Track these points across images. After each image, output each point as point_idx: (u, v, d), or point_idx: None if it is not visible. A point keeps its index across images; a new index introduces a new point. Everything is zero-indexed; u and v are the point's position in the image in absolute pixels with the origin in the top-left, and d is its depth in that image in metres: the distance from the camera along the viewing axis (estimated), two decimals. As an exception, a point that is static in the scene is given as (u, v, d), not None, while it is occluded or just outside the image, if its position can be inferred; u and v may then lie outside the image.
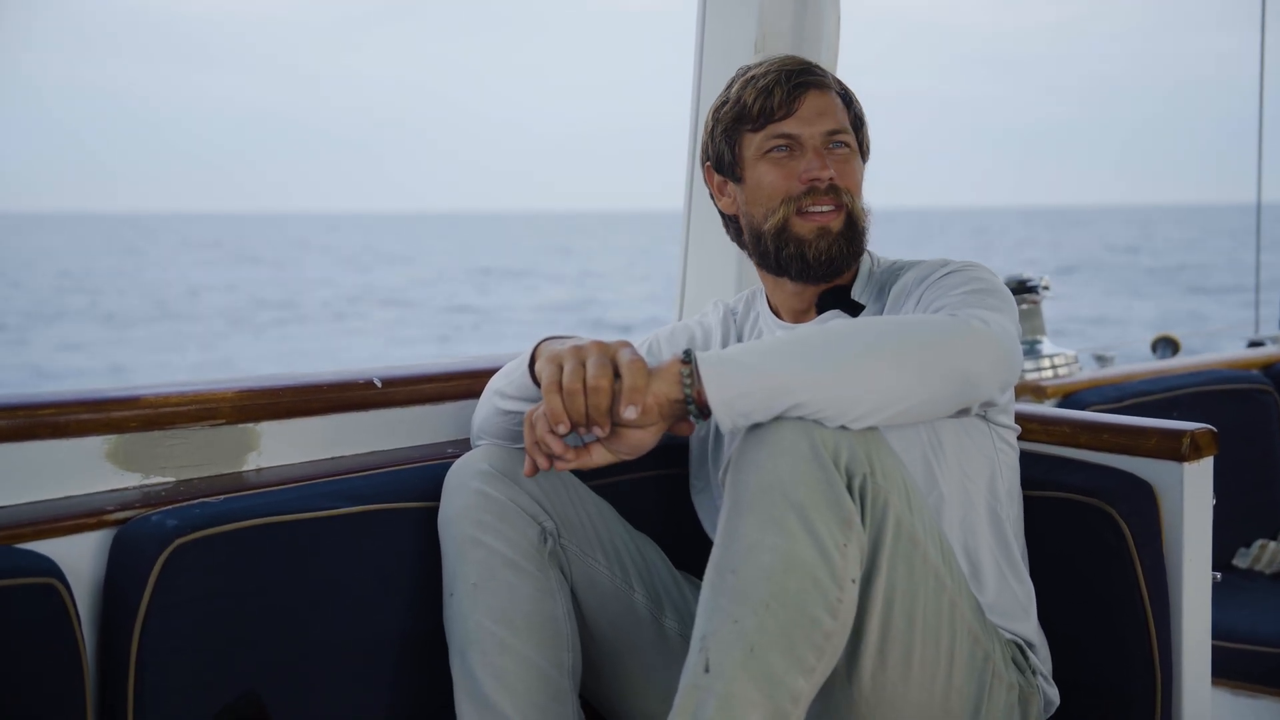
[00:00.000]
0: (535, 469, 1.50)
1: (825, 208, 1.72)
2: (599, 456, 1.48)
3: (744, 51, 2.25)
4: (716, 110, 1.78)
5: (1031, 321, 2.90)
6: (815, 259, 1.72)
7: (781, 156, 1.73)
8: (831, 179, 1.71)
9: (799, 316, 1.80)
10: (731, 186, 1.79)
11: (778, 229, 1.73)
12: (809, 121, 1.72)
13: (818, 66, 1.77)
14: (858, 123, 1.78)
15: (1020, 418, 1.84)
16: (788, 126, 1.72)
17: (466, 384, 1.93)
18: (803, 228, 1.72)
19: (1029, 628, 1.72)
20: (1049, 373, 2.84)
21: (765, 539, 1.36)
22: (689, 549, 1.85)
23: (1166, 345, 3.41)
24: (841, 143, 1.74)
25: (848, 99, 1.78)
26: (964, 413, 1.52)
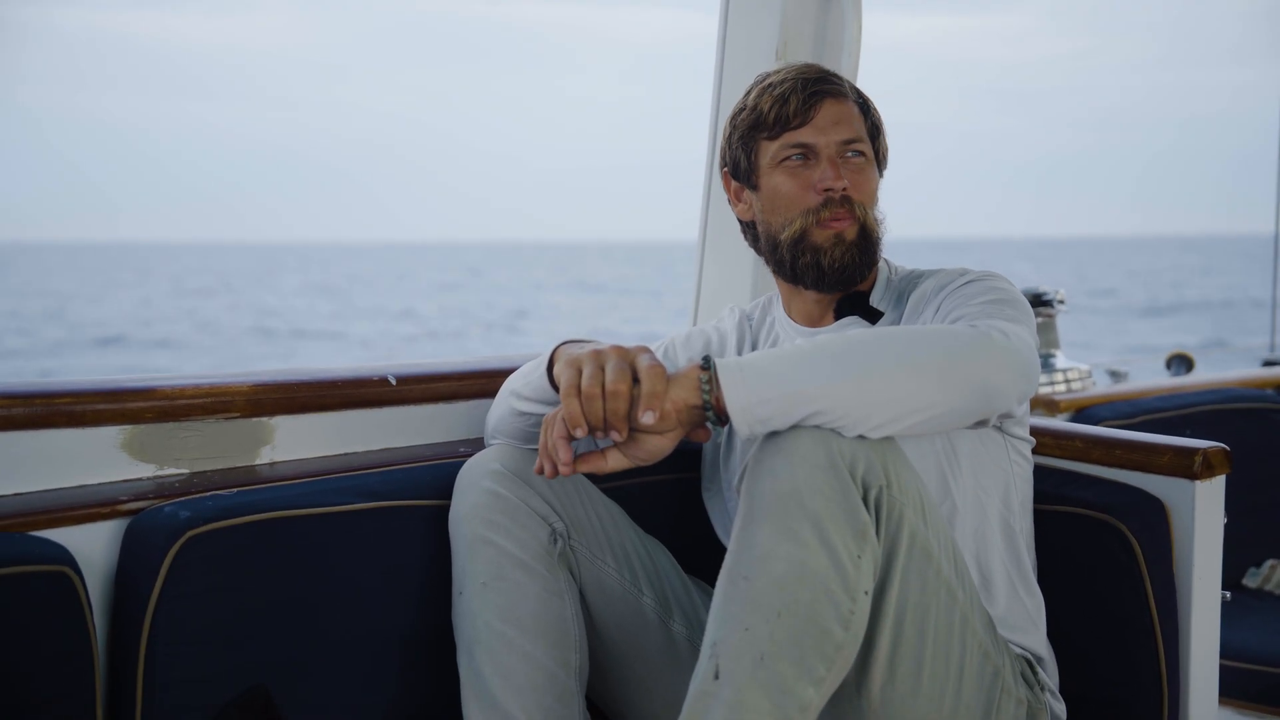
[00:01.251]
0: (571, 468, 1.49)
1: (841, 219, 1.72)
2: (615, 462, 1.48)
3: (765, 58, 2.24)
4: (734, 117, 1.79)
5: (1046, 335, 2.89)
6: (830, 267, 1.72)
7: (797, 165, 1.73)
8: (845, 190, 1.71)
9: (816, 323, 1.80)
10: (748, 193, 1.80)
11: (795, 239, 1.73)
12: (824, 130, 1.72)
13: (835, 75, 1.77)
14: (874, 131, 1.78)
15: (1034, 431, 1.84)
16: (803, 135, 1.72)
17: (481, 383, 1.93)
18: (821, 237, 1.72)
19: (1038, 641, 1.71)
20: (1062, 387, 2.83)
21: (779, 548, 1.36)
22: (699, 554, 1.85)
23: (1181, 362, 3.40)
24: (857, 151, 1.74)
25: (865, 107, 1.78)
26: (982, 424, 1.51)
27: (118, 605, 1.55)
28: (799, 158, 1.72)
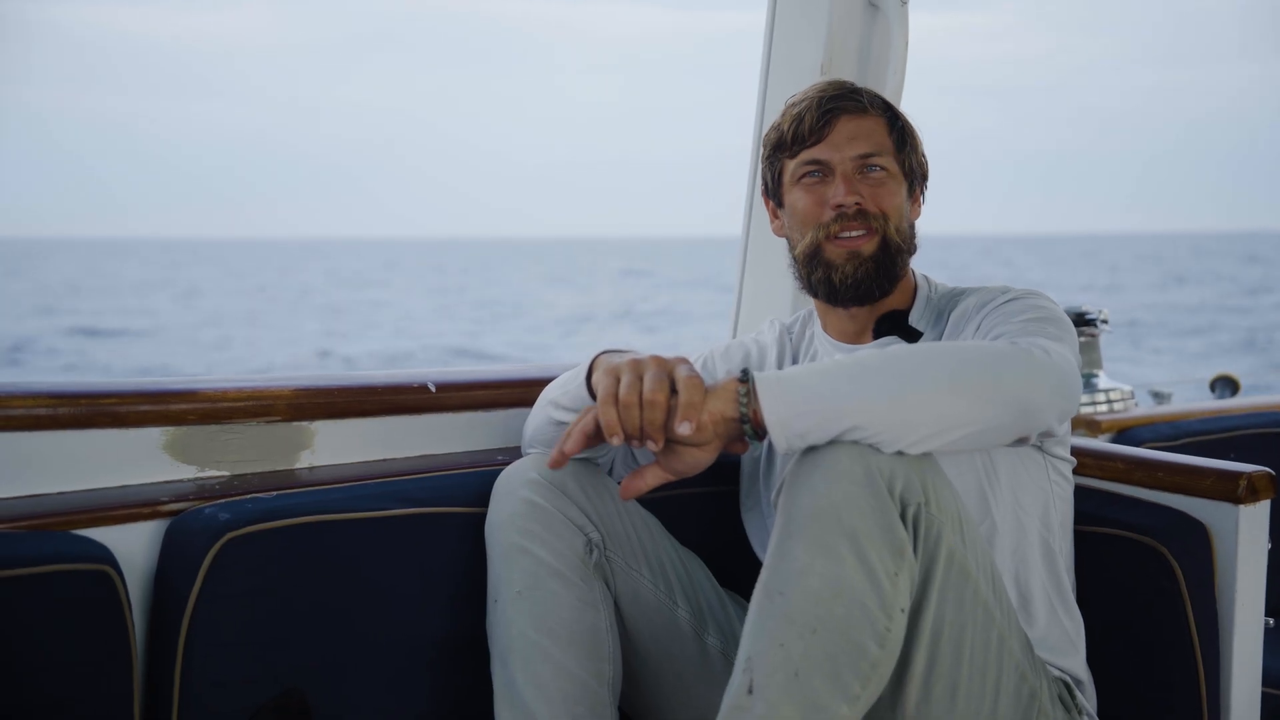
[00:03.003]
0: (566, 459, 1.49)
1: (856, 233, 1.72)
2: (653, 478, 1.48)
3: (810, 74, 2.24)
4: (765, 137, 1.82)
5: (1089, 355, 2.87)
6: (841, 283, 1.73)
7: (813, 182, 1.74)
8: (859, 204, 1.71)
9: (853, 340, 1.80)
10: (780, 211, 1.82)
11: (808, 254, 1.75)
12: (839, 147, 1.73)
13: (858, 91, 1.77)
14: (903, 144, 1.77)
15: (1075, 452, 1.82)
16: (817, 152, 1.74)
17: (519, 392, 1.94)
18: (833, 252, 1.73)
19: (1077, 663, 1.70)
20: (1104, 407, 2.80)
21: (815, 564, 1.35)
22: (735, 567, 1.84)
23: (1226, 385, 3.37)
24: (877, 166, 1.74)
25: (894, 121, 1.78)
26: (1021, 442, 1.50)
27: (157, 605, 1.57)
28: (815, 174, 1.75)
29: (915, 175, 1.79)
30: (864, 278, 1.73)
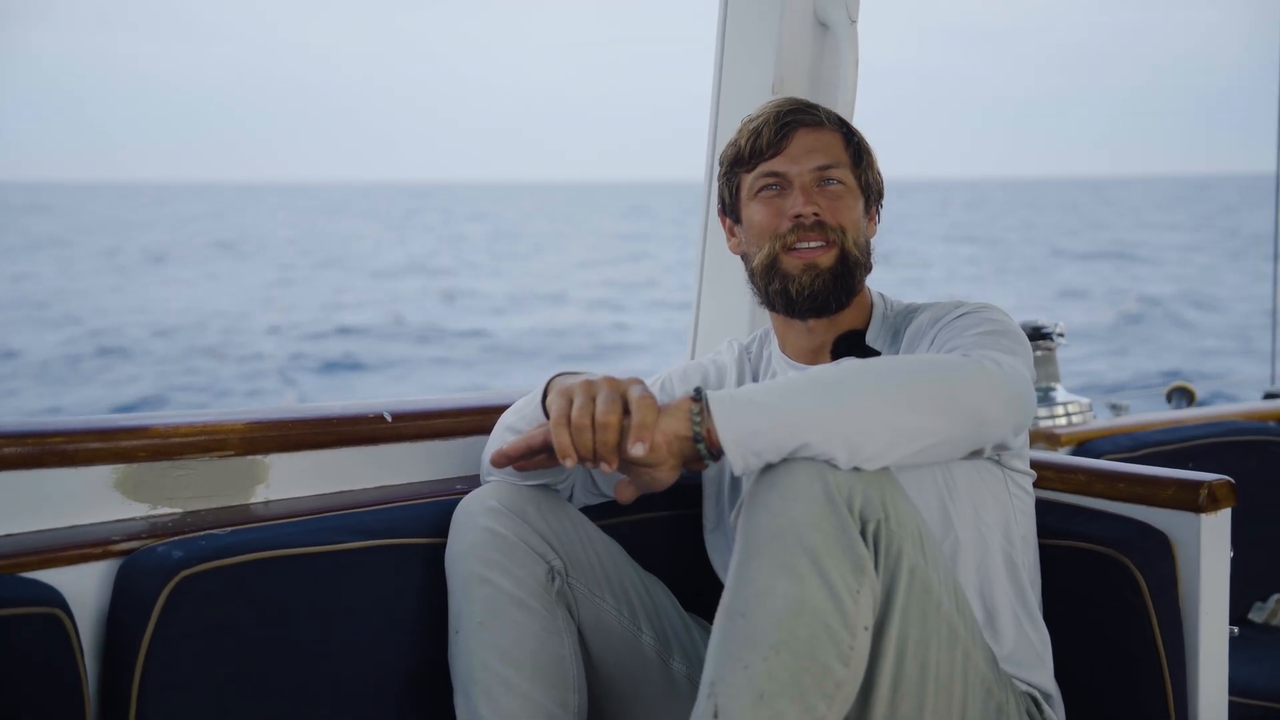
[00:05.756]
0: (507, 459, 1.53)
1: (814, 244, 1.72)
2: (629, 494, 1.47)
3: (762, 94, 2.24)
4: (722, 154, 1.82)
5: (1046, 368, 2.88)
6: (798, 294, 1.73)
7: (771, 195, 1.75)
8: (817, 215, 1.71)
9: (811, 358, 1.79)
10: (736, 228, 1.82)
11: (765, 265, 1.75)
12: (796, 159, 1.74)
13: (814, 106, 1.79)
14: (859, 159, 1.78)
15: (1035, 465, 1.82)
16: (775, 165, 1.74)
17: (477, 420, 1.92)
18: (789, 263, 1.73)
19: (1045, 677, 1.69)
20: (1063, 420, 2.81)
21: (777, 583, 1.34)
22: (699, 591, 1.83)
23: (1182, 395, 3.39)
24: (835, 179, 1.74)
25: (849, 136, 1.78)
26: (977, 454, 1.50)
27: (110, 647, 1.53)
28: (773, 188, 1.75)
29: (871, 191, 1.80)
30: (821, 289, 1.73)
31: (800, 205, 1.72)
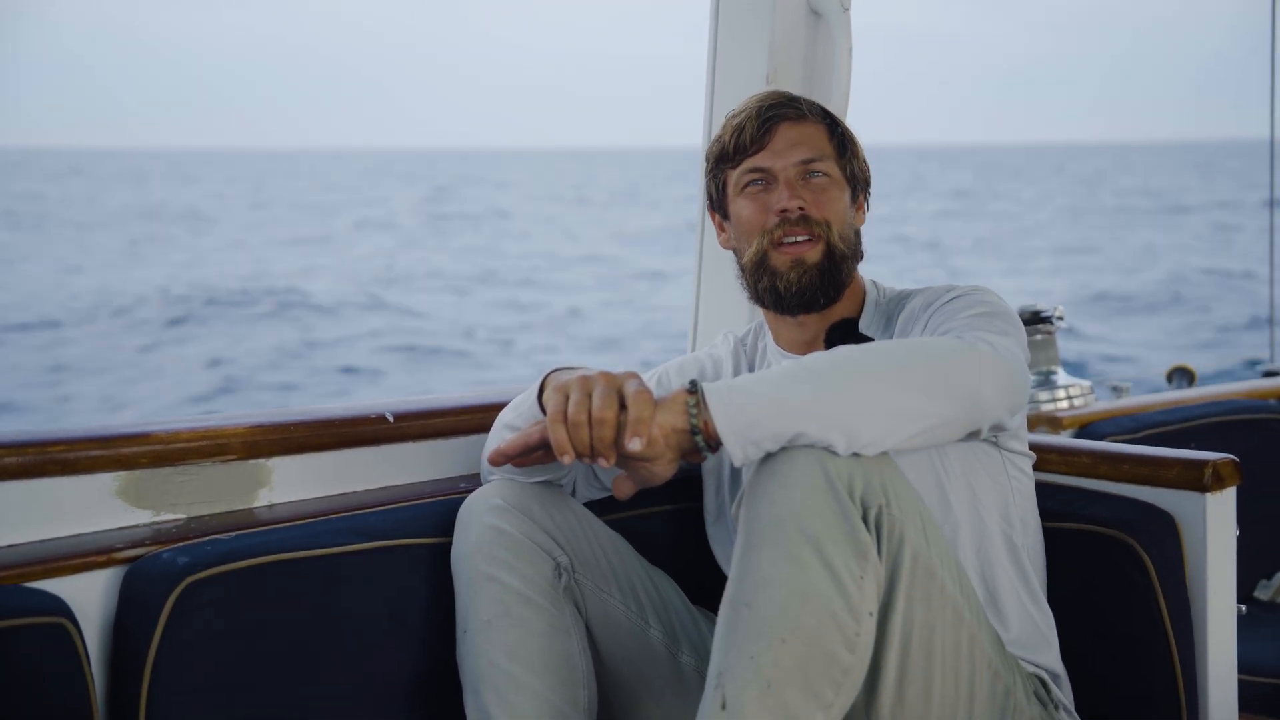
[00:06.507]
0: (504, 458, 1.52)
1: (800, 238, 1.72)
2: (627, 489, 1.47)
3: (756, 86, 2.24)
4: (708, 151, 1.82)
5: (1046, 352, 2.88)
6: (786, 291, 1.73)
7: (756, 190, 1.75)
8: (802, 209, 1.71)
9: (804, 349, 1.79)
10: (725, 224, 1.82)
11: (755, 262, 1.75)
12: (780, 153, 1.74)
13: (796, 99, 1.78)
14: (843, 150, 1.77)
15: (1039, 448, 1.82)
16: (759, 160, 1.74)
17: (478, 418, 1.92)
18: (778, 260, 1.73)
19: (1051, 658, 1.69)
20: (1064, 403, 2.81)
21: (780, 572, 1.34)
22: (705, 583, 1.83)
23: (1182, 375, 3.39)
24: (819, 172, 1.74)
25: (834, 128, 1.78)
26: (973, 436, 1.50)
27: (116, 655, 1.53)
28: (758, 183, 1.75)
29: (857, 181, 1.79)
30: (809, 285, 1.72)
31: (785, 200, 1.72)
